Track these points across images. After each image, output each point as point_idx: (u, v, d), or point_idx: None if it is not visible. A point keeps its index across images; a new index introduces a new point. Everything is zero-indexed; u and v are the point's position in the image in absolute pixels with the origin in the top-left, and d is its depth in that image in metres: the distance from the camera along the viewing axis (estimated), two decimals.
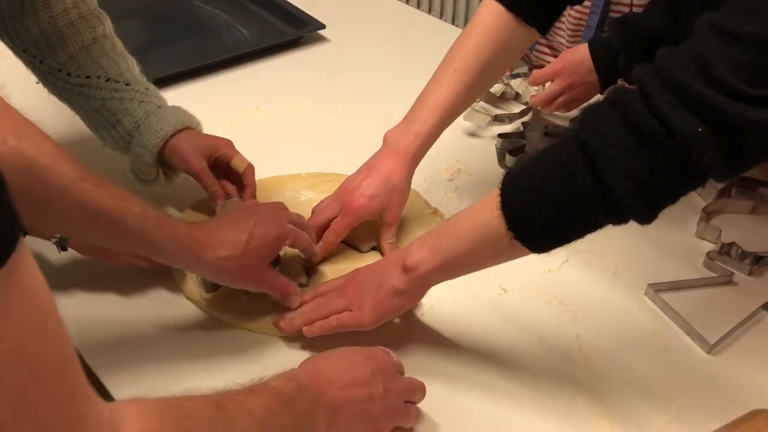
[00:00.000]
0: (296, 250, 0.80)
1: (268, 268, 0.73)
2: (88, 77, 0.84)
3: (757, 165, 0.57)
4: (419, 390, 0.66)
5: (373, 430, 0.62)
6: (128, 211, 0.62)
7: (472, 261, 0.66)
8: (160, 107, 0.86)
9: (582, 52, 1.04)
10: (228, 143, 0.89)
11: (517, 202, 0.60)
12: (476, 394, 0.71)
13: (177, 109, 0.88)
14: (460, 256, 0.65)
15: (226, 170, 0.89)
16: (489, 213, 0.61)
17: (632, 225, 0.69)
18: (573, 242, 0.62)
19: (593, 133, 0.56)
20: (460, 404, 0.70)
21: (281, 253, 0.79)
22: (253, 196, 0.88)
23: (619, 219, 0.58)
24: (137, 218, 0.62)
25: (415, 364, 0.73)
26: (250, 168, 0.88)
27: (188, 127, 0.87)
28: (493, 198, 0.62)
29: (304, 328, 0.72)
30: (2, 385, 0.29)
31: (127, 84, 0.85)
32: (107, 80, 0.84)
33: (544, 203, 0.58)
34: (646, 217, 0.57)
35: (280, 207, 0.79)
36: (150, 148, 0.83)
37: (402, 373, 0.66)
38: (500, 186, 0.62)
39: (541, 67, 1.20)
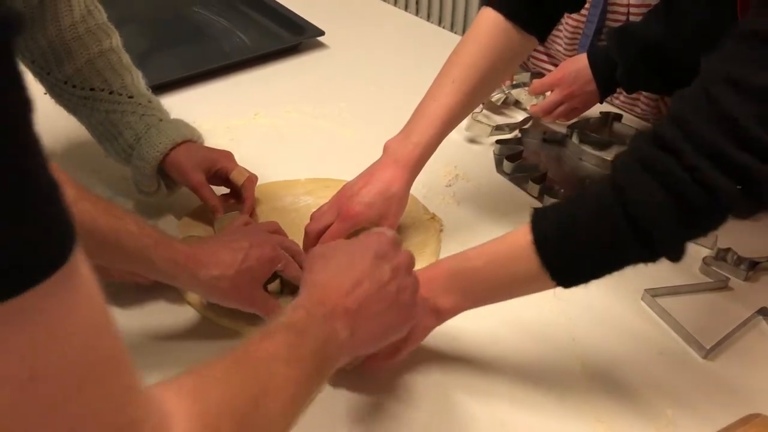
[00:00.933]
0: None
1: (260, 289, 0.74)
2: (92, 89, 0.85)
3: None
4: (412, 259, 0.65)
5: (401, 309, 0.62)
6: (124, 230, 0.62)
7: (502, 298, 0.69)
8: (161, 120, 0.87)
9: (581, 62, 1.05)
10: (228, 156, 0.89)
11: (558, 251, 0.62)
12: (472, 399, 0.71)
13: (178, 122, 0.88)
14: (492, 298, 0.68)
15: (227, 182, 0.89)
16: (521, 259, 0.63)
17: None
18: None
19: (635, 202, 0.58)
20: (457, 409, 0.70)
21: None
22: (252, 209, 0.88)
23: (654, 259, 0.61)
24: (133, 237, 0.63)
25: (411, 367, 0.73)
26: (250, 181, 0.88)
27: (189, 140, 0.87)
28: (522, 240, 0.63)
29: None
30: (70, 382, 0.29)
31: (130, 97, 0.86)
32: (110, 93, 0.85)
33: (583, 250, 0.61)
34: (678, 254, 0.61)
35: (276, 229, 0.80)
36: (149, 161, 0.84)
37: (400, 243, 0.65)
38: (531, 226, 0.63)
39: (538, 74, 1.21)
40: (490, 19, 0.82)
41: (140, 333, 0.76)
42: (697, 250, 0.90)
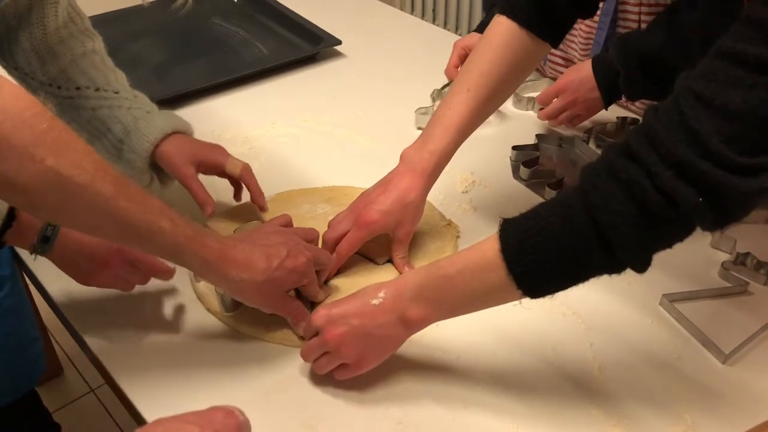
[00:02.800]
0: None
1: (284, 293, 0.74)
2: (77, 88, 0.85)
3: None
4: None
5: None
6: (159, 229, 0.63)
7: (472, 309, 0.68)
8: (149, 112, 0.86)
9: (585, 69, 1.06)
10: (218, 149, 0.89)
11: (523, 260, 0.62)
12: (490, 404, 0.71)
13: (167, 114, 0.88)
14: (462, 308, 0.68)
15: (223, 174, 0.89)
16: (489, 268, 0.63)
17: None
18: None
19: (598, 208, 0.59)
20: (473, 414, 0.70)
21: None
22: (261, 194, 0.89)
23: (618, 269, 0.61)
24: (167, 235, 0.64)
25: (432, 370, 0.74)
26: (246, 169, 0.88)
27: (178, 130, 0.87)
28: (491, 250, 0.63)
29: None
30: None
31: (116, 92, 0.86)
32: (96, 90, 0.85)
33: (548, 257, 0.61)
34: (642, 265, 0.61)
35: (314, 238, 0.81)
36: (140, 152, 0.84)
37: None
38: (499, 235, 0.63)
39: (554, 79, 1.21)
40: (503, 27, 0.83)
41: (164, 339, 0.78)
42: (716, 255, 0.89)
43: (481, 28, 1.25)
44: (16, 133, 0.54)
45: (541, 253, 0.61)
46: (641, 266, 0.61)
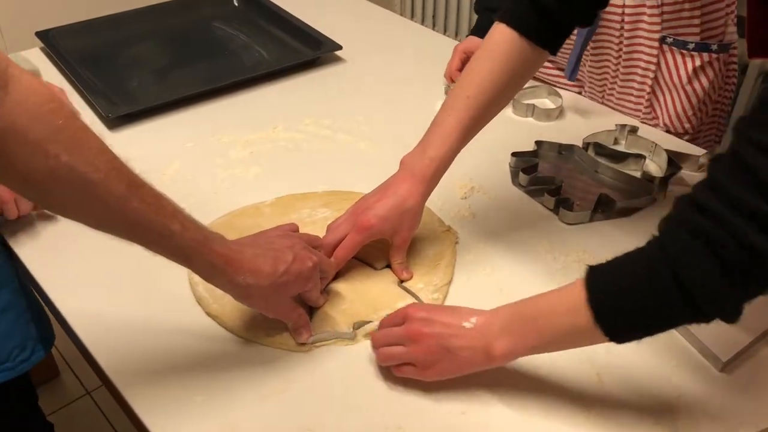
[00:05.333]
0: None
1: (287, 298, 0.75)
2: None
3: None
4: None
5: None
6: (169, 232, 0.63)
7: (557, 349, 0.70)
8: None
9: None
10: None
11: (608, 306, 0.63)
12: (486, 411, 0.72)
13: None
14: (546, 347, 0.69)
15: None
16: (577, 314, 0.64)
17: (644, 241, 0.69)
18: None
19: (683, 266, 0.60)
20: (471, 419, 0.71)
21: None
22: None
23: (707, 320, 0.62)
24: (177, 238, 0.64)
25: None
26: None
27: None
28: (578, 295, 0.64)
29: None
30: None
31: None
32: None
33: (635, 310, 0.63)
34: (733, 317, 0.62)
35: (320, 244, 0.81)
36: None
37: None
38: (586, 284, 0.64)
39: (551, 84, 1.23)
40: (503, 35, 0.83)
41: (163, 341, 0.78)
42: None
43: (476, 31, 1.25)
44: (31, 127, 0.53)
45: (628, 306, 0.62)
46: (732, 318, 0.61)
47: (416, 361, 0.71)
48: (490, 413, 0.71)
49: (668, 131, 1.18)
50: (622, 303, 0.63)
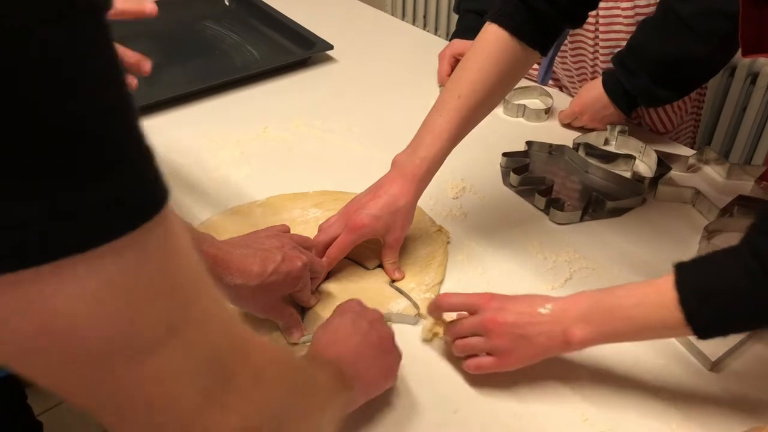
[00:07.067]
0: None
1: (278, 298, 0.74)
2: None
3: None
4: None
5: (385, 356, 0.69)
6: None
7: (635, 339, 0.72)
8: None
9: (597, 88, 1.12)
10: None
11: (701, 311, 0.65)
12: (477, 408, 0.72)
13: None
14: (623, 338, 0.70)
15: None
16: (665, 311, 0.65)
17: (634, 241, 0.70)
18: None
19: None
20: (461, 417, 0.71)
21: None
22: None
23: None
24: None
25: (419, 377, 0.74)
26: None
27: None
28: (666, 291, 0.65)
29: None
30: (194, 288, 0.36)
31: None
32: None
33: (728, 308, 0.64)
34: None
35: (311, 244, 0.81)
36: None
37: (365, 305, 0.73)
38: (675, 281, 0.65)
39: (541, 84, 1.24)
40: (494, 35, 0.84)
41: None
42: None
43: (458, 34, 1.26)
44: None
45: (721, 304, 0.64)
46: None
47: (495, 350, 0.71)
48: (484, 408, 0.71)
49: (651, 130, 1.19)
50: (716, 306, 0.64)
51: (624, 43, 1.10)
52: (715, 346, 0.78)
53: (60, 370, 0.32)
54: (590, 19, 1.14)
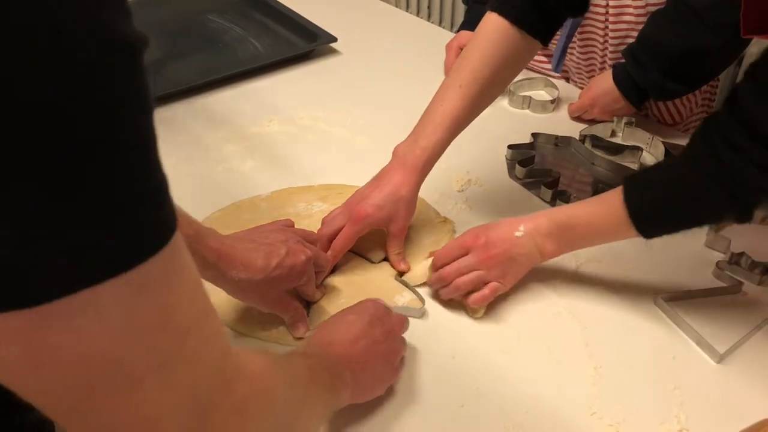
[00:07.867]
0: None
1: (282, 292, 0.74)
2: None
3: None
4: (405, 323, 0.73)
5: (386, 369, 0.69)
6: None
7: (589, 245, 0.84)
8: None
9: (607, 82, 1.11)
10: None
11: (642, 202, 0.75)
12: (484, 403, 0.71)
13: None
14: (584, 245, 0.83)
15: None
16: (615, 217, 0.76)
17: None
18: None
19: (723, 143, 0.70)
20: (468, 412, 0.71)
21: None
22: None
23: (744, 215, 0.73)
24: None
25: (425, 370, 0.74)
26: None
27: None
28: (614, 200, 0.76)
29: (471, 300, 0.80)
30: (189, 324, 0.35)
31: None
32: None
33: (668, 194, 0.74)
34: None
35: (315, 239, 0.81)
36: None
37: (390, 311, 0.72)
38: (623, 189, 0.75)
39: (535, 71, 1.24)
40: (495, 25, 0.83)
41: None
42: (710, 255, 0.90)
43: (466, 25, 1.25)
44: None
45: (660, 195, 0.74)
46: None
47: (495, 277, 0.79)
48: (488, 405, 0.71)
49: (659, 122, 1.18)
50: (653, 192, 0.74)
51: (634, 35, 1.09)
52: (722, 339, 0.77)
53: (49, 397, 0.32)
54: (600, 10, 1.13)
